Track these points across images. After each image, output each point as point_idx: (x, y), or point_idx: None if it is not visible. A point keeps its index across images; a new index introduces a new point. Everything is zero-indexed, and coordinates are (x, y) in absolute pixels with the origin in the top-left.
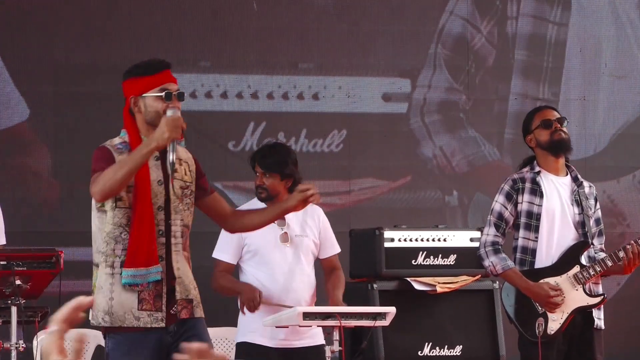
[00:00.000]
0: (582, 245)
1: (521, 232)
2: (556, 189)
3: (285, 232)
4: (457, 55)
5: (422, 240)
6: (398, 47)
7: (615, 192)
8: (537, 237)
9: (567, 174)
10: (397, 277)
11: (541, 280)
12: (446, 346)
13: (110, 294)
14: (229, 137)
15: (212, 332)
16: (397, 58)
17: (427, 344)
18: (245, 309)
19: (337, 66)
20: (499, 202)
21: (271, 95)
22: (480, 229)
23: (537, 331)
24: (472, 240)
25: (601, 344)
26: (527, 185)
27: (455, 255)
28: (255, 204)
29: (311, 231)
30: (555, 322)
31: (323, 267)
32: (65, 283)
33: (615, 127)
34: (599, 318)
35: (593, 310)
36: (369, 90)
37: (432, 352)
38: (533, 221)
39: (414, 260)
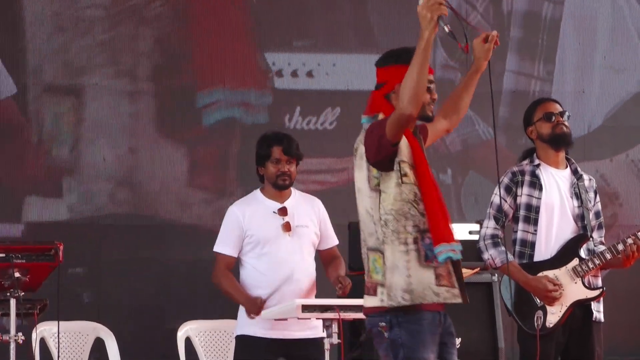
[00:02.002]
0: (581, 238)
1: (520, 225)
2: (555, 182)
3: (287, 222)
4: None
5: None
6: (394, 24)
7: (608, 172)
8: (536, 230)
9: (566, 167)
10: None
11: (540, 274)
12: None
13: (407, 271)
14: None
15: (212, 324)
16: (392, 35)
17: None
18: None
19: (331, 43)
20: (498, 195)
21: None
22: (479, 222)
23: (535, 324)
24: (471, 233)
25: (600, 336)
26: (527, 178)
27: None
28: (256, 196)
29: (312, 222)
30: (554, 315)
31: (322, 259)
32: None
33: (610, 106)
34: (598, 311)
35: (592, 303)
36: (362, 68)
37: None
38: (532, 214)
39: None
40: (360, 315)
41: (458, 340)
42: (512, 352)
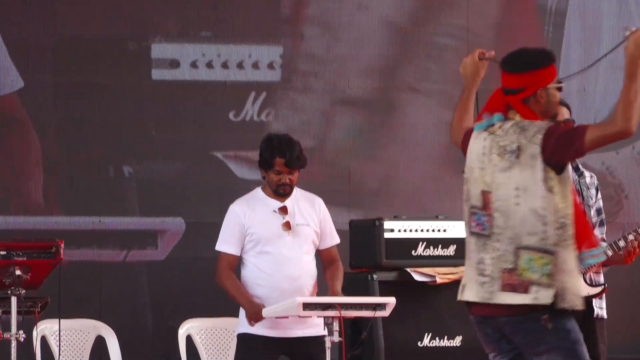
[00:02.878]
0: None
1: None
2: None
3: (288, 221)
4: None
5: (422, 230)
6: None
7: (614, 164)
8: None
9: None
10: (397, 268)
11: None
12: (446, 337)
13: (578, 276)
14: (230, 107)
15: (213, 322)
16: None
17: (427, 334)
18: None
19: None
20: None
21: (272, 65)
22: None
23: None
24: None
25: (603, 333)
26: None
27: (455, 246)
28: (257, 194)
29: (312, 220)
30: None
31: (322, 259)
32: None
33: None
34: (600, 307)
35: (593, 299)
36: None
37: (432, 343)
38: None
39: (414, 251)
40: (361, 314)
41: (459, 338)
42: None
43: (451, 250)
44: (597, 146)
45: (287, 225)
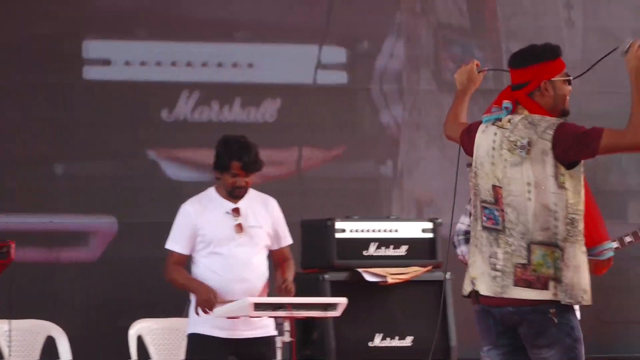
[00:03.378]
0: None
1: None
2: None
3: (240, 223)
4: None
5: (373, 231)
6: (357, 14)
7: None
8: None
9: None
10: (349, 268)
11: None
12: (397, 337)
13: (586, 272)
14: (162, 106)
15: (164, 323)
16: (351, 26)
17: (377, 334)
18: (199, 310)
19: (273, 34)
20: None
21: (205, 64)
22: (433, 220)
23: None
24: (424, 231)
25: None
26: None
27: (406, 246)
28: (210, 194)
29: (265, 222)
30: None
31: (274, 259)
32: None
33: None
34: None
35: None
36: (304, 59)
37: (383, 343)
38: None
39: (365, 251)
40: (313, 314)
41: (410, 338)
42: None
43: (403, 250)
44: (610, 152)
45: (240, 227)
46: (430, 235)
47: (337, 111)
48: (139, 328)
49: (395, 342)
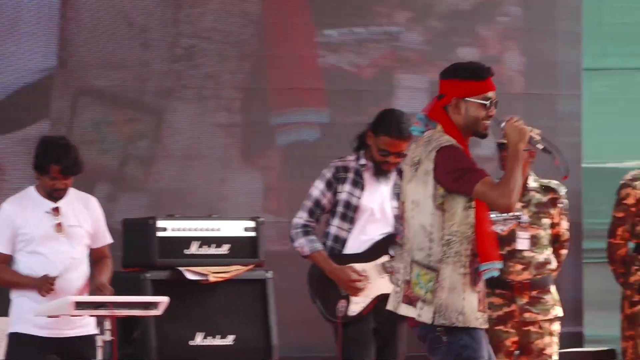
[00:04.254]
0: (393, 238)
1: (336, 221)
2: (378, 182)
3: (59, 223)
4: None
5: (195, 229)
6: None
7: None
8: (351, 229)
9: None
10: (170, 267)
11: (347, 265)
12: (218, 336)
13: (463, 294)
14: None
15: None
16: None
17: (199, 333)
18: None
19: None
20: (318, 189)
21: None
22: (254, 218)
23: (337, 312)
24: (246, 229)
25: (404, 333)
26: (350, 175)
27: (228, 245)
28: (30, 193)
29: (85, 221)
30: (357, 305)
31: (93, 257)
32: None
33: None
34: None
35: None
36: None
37: (204, 342)
38: (350, 212)
39: (187, 250)
40: (134, 312)
41: (231, 337)
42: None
43: (225, 249)
44: (482, 201)
45: (60, 226)
46: (252, 234)
47: None
48: None
49: (217, 341)
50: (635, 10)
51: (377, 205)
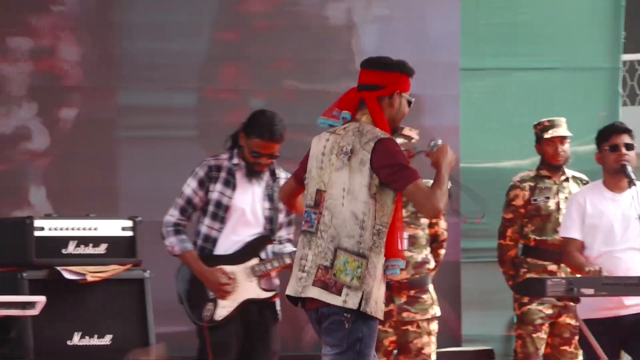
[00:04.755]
0: (263, 239)
1: (207, 220)
2: (250, 182)
3: None
4: None
5: (73, 229)
6: None
7: None
8: (221, 228)
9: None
10: (48, 266)
11: (217, 267)
12: (96, 335)
13: (380, 284)
14: None
15: None
16: None
17: (77, 333)
18: None
19: None
20: (190, 187)
21: None
22: (132, 218)
23: (204, 315)
24: (123, 229)
25: (277, 332)
26: (222, 175)
27: (106, 245)
28: None
29: None
30: (224, 309)
31: None
32: None
33: None
34: (279, 310)
35: (276, 302)
36: None
37: (82, 342)
38: (221, 212)
39: (64, 249)
40: (10, 312)
41: (109, 337)
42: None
43: (102, 248)
44: (411, 200)
45: None
46: (130, 233)
47: None
48: None
49: (94, 341)
50: (511, 10)
51: (248, 205)
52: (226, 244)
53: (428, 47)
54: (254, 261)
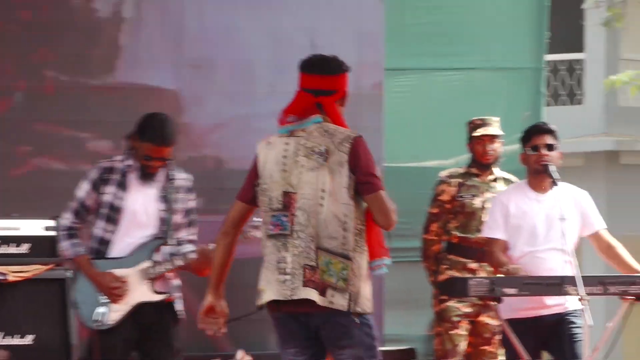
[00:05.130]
0: (156, 242)
1: (101, 223)
2: (143, 184)
3: None
4: None
5: None
6: None
7: None
8: (115, 231)
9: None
10: None
11: (107, 271)
12: (17, 335)
13: (367, 281)
14: None
15: None
16: None
17: None
18: None
19: None
20: (83, 190)
21: None
22: (54, 217)
23: (94, 319)
24: (47, 229)
25: (178, 331)
26: (115, 177)
27: (28, 244)
28: None
29: None
30: (116, 312)
31: None
32: None
33: None
34: (181, 310)
35: (175, 302)
36: None
37: (4, 342)
38: (114, 214)
39: None
40: None
41: (31, 337)
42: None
43: (24, 248)
44: (371, 207)
45: None
46: (52, 233)
47: None
48: None
49: (16, 341)
50: (436, 10)
51: (141, 207)
52: (120, 246)
53: (352, 47)
54: (146, 264)
